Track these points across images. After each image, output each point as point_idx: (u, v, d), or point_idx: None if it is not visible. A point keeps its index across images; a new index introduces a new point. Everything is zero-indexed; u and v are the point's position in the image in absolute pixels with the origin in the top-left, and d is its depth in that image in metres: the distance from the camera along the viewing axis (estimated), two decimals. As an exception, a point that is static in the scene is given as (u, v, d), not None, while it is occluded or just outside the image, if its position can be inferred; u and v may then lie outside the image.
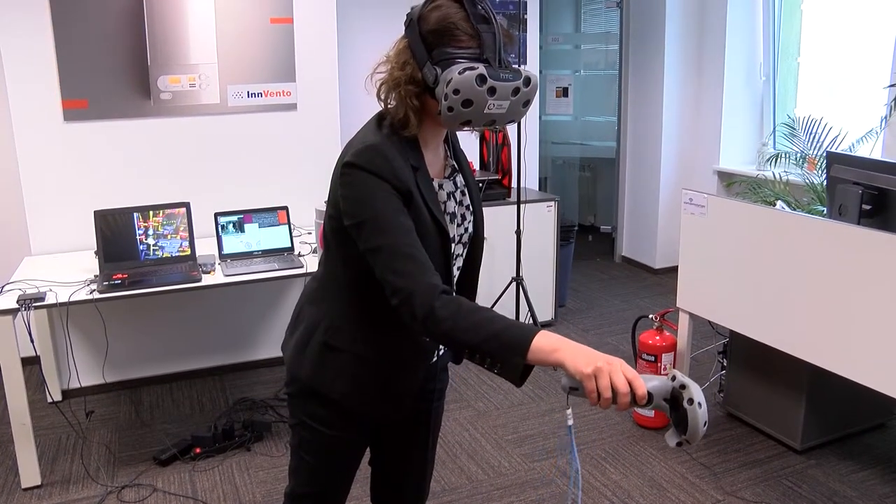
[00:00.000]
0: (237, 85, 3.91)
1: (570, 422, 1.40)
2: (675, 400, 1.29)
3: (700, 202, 3.32)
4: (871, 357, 2.65)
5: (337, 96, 4.10)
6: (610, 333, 4.72)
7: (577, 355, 1.30)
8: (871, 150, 4.52)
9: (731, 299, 3.21)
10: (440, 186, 1.62)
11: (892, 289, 2.56)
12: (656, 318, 3.53)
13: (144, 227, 3.36)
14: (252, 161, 4.00)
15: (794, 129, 5.09)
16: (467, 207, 1.71)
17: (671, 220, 5.81)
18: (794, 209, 4.31)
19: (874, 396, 2.72)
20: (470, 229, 1.73)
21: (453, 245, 1.66)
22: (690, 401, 1.26)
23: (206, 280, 3.20)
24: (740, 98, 5.55)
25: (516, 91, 1.47)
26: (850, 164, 3.05)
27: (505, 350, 1.36)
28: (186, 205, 3.44)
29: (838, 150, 4.60)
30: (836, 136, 4.77)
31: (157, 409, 3.79)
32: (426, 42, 1.46)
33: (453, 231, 1.65)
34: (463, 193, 1.70)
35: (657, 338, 3.47)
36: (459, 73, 1.41)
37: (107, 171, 3.75)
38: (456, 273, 1.73)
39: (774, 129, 5.48)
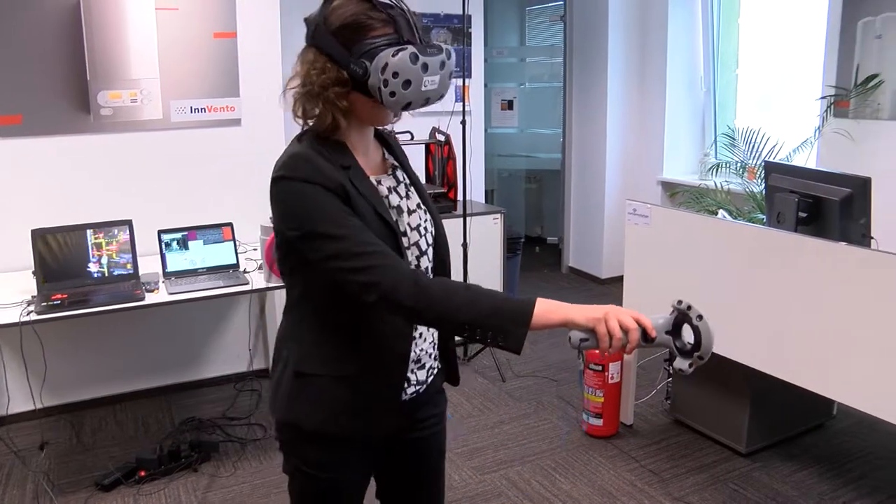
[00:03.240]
0: (180, 100, 3.85)
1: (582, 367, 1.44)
2: (677, 327, 1.39)
3: (644, 212, 3.38)
4: (809, 360, 2.72)
5: (281, 112, 4.06)
6: (556, 345, 4.74)
7: (582, 308, 1.38)
8: (807, 159, 4.65)
9: (676, 307, 3.26)
10: (378, 182, 1.56)
11: (827, 293, 2.63)
12: (603, 328, 3.55)
13: (84, 245, 3.28)
14: (196, 177, 3.95)
15: (734, 139, 5.21)
16: (419, 206, 1.63)
17: (617, 231, 5.87)
18: (736, 218, 4.40)
19: (814, 398, 2.80)
20: (430, 229, 1.65)
21: (411, 237, 1.59)
22: (700, 317, 1.36)
23: (150, 299, 3.13)
24: (682, 109, 5.67)
25: (443, 64, 1.46)
26: (786, 173, 3.14)
27: (508, 322, 1.37)
28: (129, 222, 3.37)
29: (776, 160, 4.72)
30: (774, 146, 4.90)
31: (99, 431, 3.69)
32: (339, 41, 1.43)
33: (403, 224, 1.57)
34: (408, 187, 1.63)
35: (605, 347, 3.50)
36: (393, 56, 1.39)
37: (45, 188, 3.65)
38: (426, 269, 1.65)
39: (715, 139, 5.61)
